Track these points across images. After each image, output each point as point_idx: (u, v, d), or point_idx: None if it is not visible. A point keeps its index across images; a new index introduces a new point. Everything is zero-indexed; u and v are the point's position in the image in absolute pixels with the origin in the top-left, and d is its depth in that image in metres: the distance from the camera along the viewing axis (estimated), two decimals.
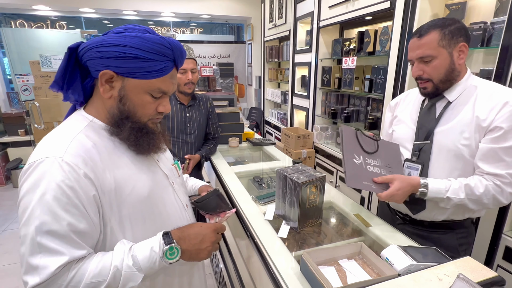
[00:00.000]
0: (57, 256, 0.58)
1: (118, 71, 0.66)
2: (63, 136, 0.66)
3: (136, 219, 0.71)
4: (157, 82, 0.69)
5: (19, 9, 4.25)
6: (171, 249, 0.68)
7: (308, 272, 0.78)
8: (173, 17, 4.96)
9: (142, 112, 0.72)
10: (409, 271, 0.76)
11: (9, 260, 2.43)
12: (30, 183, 0.60)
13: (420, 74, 1.04)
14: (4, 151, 4.01)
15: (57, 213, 0.59)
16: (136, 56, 0.65)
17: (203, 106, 1.86)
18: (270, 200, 1.28)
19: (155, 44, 0.67)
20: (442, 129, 1.05)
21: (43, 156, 0.61)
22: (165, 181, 0.81)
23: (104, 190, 0.66)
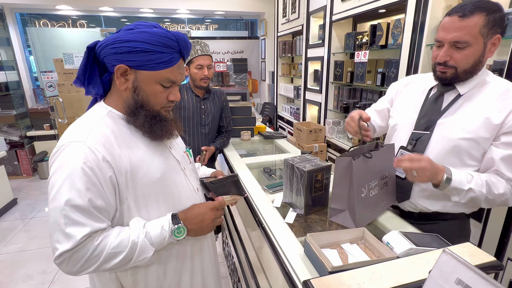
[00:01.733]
0: (82, 227, 0.68)
1: (130, 65, 0.74)
2: (85, 124, 0.75)
3: (150, 199, 0.79)
4: (166, 73, 0.76)
5: (44, 9, 4.46)
6: (178, 229, 0.79)
7: (311, 253, 0.83)
8: (188, 14, 5.05)
9: (155, 101, 0.79)
10: (408, 255, 0.80)
11: (37, 245, 2.62)
12: (57, 164, 0.70)
13: (447, 60, 0.94)
14: (31, 144, 4.26)
15: (80, 190, 0.68)
16: (145, 49, 0.72)
17: (217, 99, 1.93)
18: (278, 189, 1.34)
19: (162, 38, 0.74)
20: (445, 120, 1.01)
21: (68, 141, 0.71)
22: (177, 166, 0.89)
23: (121, 172, 0.74)
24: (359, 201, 0.97)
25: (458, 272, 0.46)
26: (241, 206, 1.55)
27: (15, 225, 2.94)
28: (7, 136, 4.00)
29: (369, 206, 1.03)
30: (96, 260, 0.70)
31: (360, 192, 0.98)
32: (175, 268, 0.87)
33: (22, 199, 3.51)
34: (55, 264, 0.69)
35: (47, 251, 2.52)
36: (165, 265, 0.85)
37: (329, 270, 0.73)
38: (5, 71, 3.94)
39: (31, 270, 2.28)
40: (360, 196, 0.98)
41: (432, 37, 1.73)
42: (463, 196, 0.94)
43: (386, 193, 1.11)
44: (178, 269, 0.88)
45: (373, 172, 1.03)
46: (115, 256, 0.71)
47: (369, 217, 1.04)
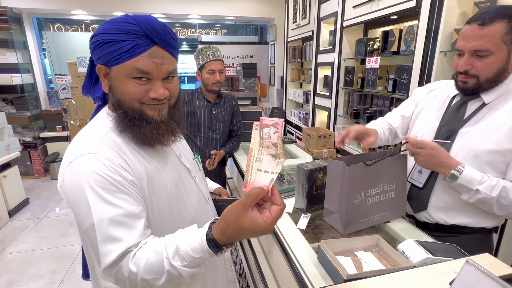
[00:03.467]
0: (118, 242, 0.61)
1: (101, 62, 0.68)
2: (95, 134, 0.69)
3: (164, 210, 0.74)
4: (133, 63, 0.65)
5: (59, 14, 4.58)
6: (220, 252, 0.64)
7: (325, 260, 0.82)
8: (199, 19, 5.12)
9: (130, 97, 0.68)
10: (424, 264, 0.78)
11: (48, 244, 2.65)
12: (75, 179, 0.63)
13: (468, 69, 0.92)
14: (43, 145, 4.35)
15: (112, 201, 0.62)
16: (105, 41, 0.65)
17: (228, 104, 1.94)
18: (290, 194, 1.33)
19: (118, 24, 0.65)
20: (468, 130, 0.97)
21: (80, 154, 0.64)
22: (188, 175, 0.83)
23: (139, 178, 0.69)
24: (350, 206, 0.96)
25: (482, 284, 0.45)
26: None
27: (27, 225, 2.99)
28: (21, 137, 4.09)
29: (365, 213, 1.01)
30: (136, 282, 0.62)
31: (353, 198, 0.97)
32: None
33: (34, 199, 3.57)
34: (65, 264, 0.66)
35: (58, 251, 2.55)
36: None
37: (344, 278, 0.72)
38: (21, 73, 4.04)
39: (41, 270, 2.31)
40: (352, 201, 0.96)
41: (446, 44, 1.72)
42: (471, 196, 0.93)
43: (391, 204, 1.08)
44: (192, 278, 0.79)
45: (375, 180, 1.01)
46: (152, 281, 0.62)
47: (362, 223, 1.02)
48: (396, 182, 1.07)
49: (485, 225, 1.02)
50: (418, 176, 1.10)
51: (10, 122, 3.29)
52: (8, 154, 3.07)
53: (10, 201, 3.11)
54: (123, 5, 4.41)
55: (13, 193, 3.19)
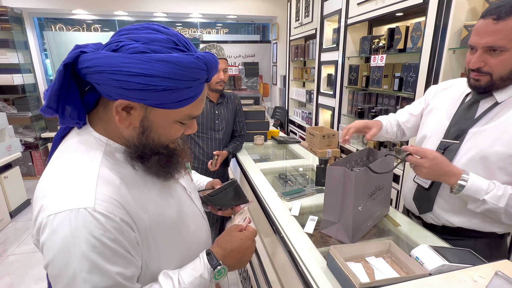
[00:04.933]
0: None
1: (141, 102, 0.55)
2: (83, 175, 0.53)
3: (167, 243, 0.65)
4: (188, 109, 0.58)
5: (60, 13, 4.56)
6: (219, 272, 0.66)
7: (335, 267, 0.78)
8: (200, 18, 5.08)
9: (168, 139, 0.62)
10: (440, 271, 0.74)
11: None
12: (60, 242, 0.49)
13: (481, 66, 0.88)
14: (45, 146, 4.33)
15: (106, 269, 0.51)
16: (167, 88, 0.52)
17: (231, 103, 1.90)
18: (296, 196, 1.29)
19: (190, 70, 0.53)
20: (478, 129, 0.93)
21: (68, 207, 0.49)
22: (184, 195, 0.74)
23: (140, 229, 0.58)
24: (355, 214, 0.90)
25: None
26: (254, 211, 1.52)
27: (28, 226, 2.97)
28: (23, 138, 4.08)
29: (365, 218, 0.97)
30: None
31: (358, 205, 0.91)
32: None
33: None
34: None
35: None
36: None
37: (356, 287, 0.68)
38: (22, 74, 4.03)
39: (42, 272, 2.28)
40: (357, 209, 0.91)
41: (455, 41, 1.67)
42: (477, 206, 0.89)
43: (380, 203, 1.07)
44: None
45: (372, 183, 0.98)
46: None
47: (364, 229, 0.98)
48: (386, 180, 1.05)
49: (494, 230, 0.97)
50: None
51: (11, 122, 3.27)
52: (9, 154, 3.05)
53: (11, 202, 3.09)
54: (124, 5, 4.38)
55: (15, 194, 3.17)
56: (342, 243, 0.95)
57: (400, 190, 2.09)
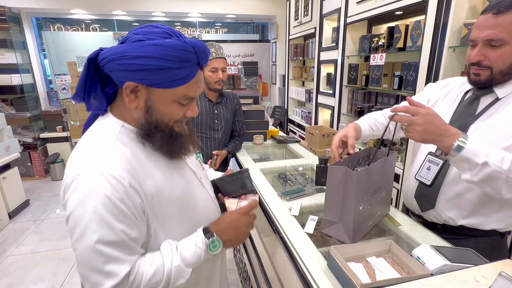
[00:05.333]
0: (122, 263, 0.62)
1: (142, 83, 0.65)
2: (101, 146, 0.66)
3: (174, 219, 0.73)
4: (183, 89, 0.68)
5: (58, 13, 4.54)
6: (213, 242, 0.73)
7: (336, 268, 0.78)
8: (199, 17, 5.07)
9: (170, 118, 0.71)
10: (442, 272, 0.73)
11: (48, 247, 2.62)
12: (78, 197, 0.60)
13: (481, 60, 0.88)
14: (44, 146, 4.32)
15: (113, 225, 0.60)
16: (159, 67, 0.62)
17: (230, 103, 1.89)
18: (296, 196, 1.28)
19: (178, 51, 0.63)
20: (479, 125, 0.92)
21: (87, 170, 0.62)
22: (194, 178, 0.82)
23: (147, 197, 0.66)
24: (356, 214, 0.89)
25: None
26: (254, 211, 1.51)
27: (27, 226, 2.96)
28: (21, 138, 4.06)
29: (366, 218, 0.96)
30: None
31: (358, 205, 0.90)
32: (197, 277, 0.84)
33: (34, 200, 3.54)
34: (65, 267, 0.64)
35: (58, 253, 2.52)
36: None
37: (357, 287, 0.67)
38: (20, 74, 4.01)
39: (42, 272, 2.28)
40: (357, 208, 0.90)
41: (455, 39, 1.66)
42: (476, 172, 0.81)
43: (382, 202, 1.06)
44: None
45: (375, 183, 0.97)
46: (154, 287, 0.66)
47: (364, 229, 0.97)
48: (386, 180, 1.04)
49: (495, 226, 0.97)
50: (426, 173, 1.06)
51: (9, 123, 3.26)
52: (8, 155, 3.03)
53: (10, 203, 3.08)
54: (123, 4, 4.37)
55: (13, 194, 3.16)
56: (342, 243, 0.94)
57: (400, 189, 2.08)
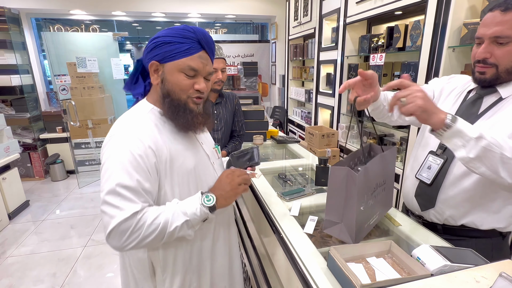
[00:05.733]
0: (133, 203, 0.76)
1: (157, 59, 0.83)
2: (133, 118, 0.85)
3: (183, 188, 0.88)
4: (187, 61, 0.82)
5: (58, 14, 4.54)
6: (207, 197, 0.84)
7: (336, 268, 0.78)
8: (199, 17, 5.06)
9: (179, 89, 0.84)
10: (442, 272, 0.73)
11: (48, 247, 2.62)
12: (110, 151, 0.79)
13: (487, 57, 0.87)
14: (43, 147, 4.31)
15: (131, 173, 0.76)
16: (166, 42, 0.81)
17: (230, 103, 1.89)
18: (295, 196, 1.28)
19: (180, 30, 0.82)
20: (482, 123, 0.91)
21: (120, 131, 0.81)
22: (207, 160, 0.97)
23: (162, 160, 0.82)
24: (358, 214, 0.88)
25: None
26: (254, 212, 1.51)
27: (27, 227, 2.96)
28: (21, 139, 4.06)
29: (367, 217, 0.96)
30: (139, 234, 0.75)
31: (360, 205, 0.89)
32: (200, 252, 0.96)
33: (34, 201, 3.54)
34: (65, 268, 0.69)
35: (58, 254, 2.52)
36: (191, 248, 0.93)
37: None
38: (20, 74, 4.01)
39: (41, 273, 2.27)
40: (359, 209, 0.89)
41: (455, 39, 1.66)
42: (471, 147, 0.77)
43: (382, 200, 1.05)
44: (203, 253, 0.97)
45: (373, 181, 0.96)
46: (154, 230, 0.77)
47: (366, 229, 0.97)
48: (386, 177, 1.03)
49: (496, 225, 0.96)
50: (427, 172, 1.05)
51: (9, 123, 3.26)
52: (7, 156, 3.03)
53: (10, 204, 3.08)
54: (122, 5, 4.36)
55: (13, 195, 3.15)
56: (343, 243, 0.94)
57: (400, 189, 2.08)
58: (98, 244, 2.66)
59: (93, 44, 4.32)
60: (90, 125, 4.19)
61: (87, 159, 4.32)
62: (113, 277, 2.24)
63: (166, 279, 0.92)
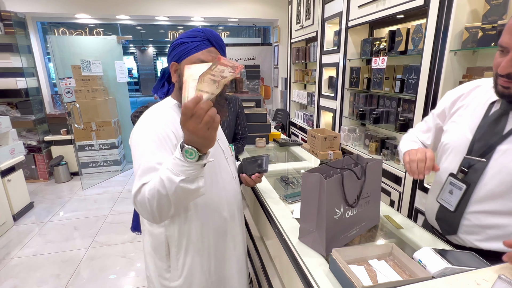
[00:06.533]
0: (146, 178, 0.81)
1: (175, 59, 0.95)
2: (160, 109, 0.97)
3: None
4: (197, 55, 0.92)
5: (63, 18, 4.60)
6: (186, 152, 0.73)
7: (338, 270, 0.78)
8: (202, 21, 5.11)
9: None
10: (443, 275, 0.74)
11: (52, 249, 2.64)
12: (138, 132, 0.91)
13: (511, 72, 0.75)
14: (48, 149, 4.35)
15: (154, 150, 0.85)
16: (179, 43, 0.94)
17: (232, 106, 1.91)
18: (297, 199, 1.29)
19: (192, 32, 0.95)
20: (508, 147, 0.81)
21: (148, 117, 0.93)
22: (222, 155, 1.06)
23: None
24: (330, 223, 0.87)
25: None
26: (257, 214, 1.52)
27: (31, 229, 2.98)
28: (26, 141, 4.10)
29: (344, 228, 0.94)
30: (144, 203, 0.79)
31: (333, 214, 0.87)
32: (213, 234, 1.02)
33: (38, 203, 3.57)
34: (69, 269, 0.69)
35: (62, 255, 2.54)
36: (205, 229, 1.00)
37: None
38: (25, 77, 4.06)
39: (45, 274, 2.29)
40: (332, 218, 0.87)
41: (456, 43, 1.67)
42: None
43: (366, 214, 1.02)
44: (216, 235, 1.03)
45: (352, 191, 0.93)
46: (154, 195, 0.78)
47: (343, 240, 0.95)
48: (371, 190, 1.00)
49: None
50: (449, 198, 0.96)
51: (14, 126, 3.30)
52: (12, 158, 3.07)
53: (14, 205, 3.11)
54: (126, 9, 4.41)
55: (18, 197, 3.18)
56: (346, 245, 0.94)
57: (402, 192, 2.08)
58: (101, 246, 2.67)
59: (98, 47, 4.37)
60: (94, 127, 4.22)
61: (90, 161, 4.35)
62: (115, 279, 2.25)
63: (180, 258, 0.99)
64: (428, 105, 1.84)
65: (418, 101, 1.91)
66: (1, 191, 2.91)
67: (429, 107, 1.83)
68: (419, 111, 1.91)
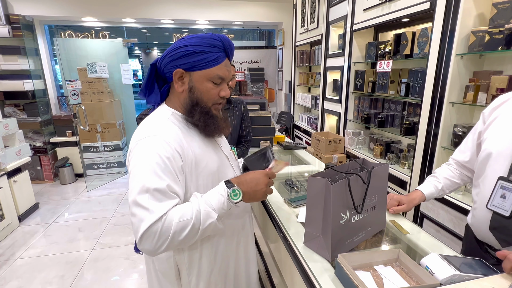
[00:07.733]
0: (162, 205, 0.75)
1: (185, 68, 0.85)
2: (157, 122, 0.87)
3: (207, 189, 0.87)
4: (215, 70, 0.86)
5: (70, 21, 4.65)
6: (233, 191, 0.82)
7: (344, 276, 0.78)
8: (207, 24, 5.14)
9: (208, 97, 0.88)
10: (451, 282, 0.73)
11: (57, 250, 2.65)
12: (139, 154, 0.80)
13: None
14: (53, 150, 4.39)
15: (160, 175, 0.77)
16: (195, 51, 0.83)
17: (237, 109, 1.91)
18: (302, 203, 1.29)
19: (208, 39, 0.85)
20: None
21: (146, 136, 0.82)
22: (227, 162, 1.00)
23: (187, 162, 0.84)
24: (336, 228, 0.86)
25: None
26: (261, 218, 1.51)
27: (36, 229, 3.00)
28: (32, 142, 4.14)
29: (350, 233, 0.93)
30: (168, 234, 0.73)
31: (339, 218, 0.87)
32: (224, 253, 0.98)
33: (43, 204, 3.59)
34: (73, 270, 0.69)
35: (66, 257, 2.55)
36: (216, 249, 0.96)
37: None
38: (32, 79, 4.11)
39: (50, 275, 2.30)
40: (338, 222, 0.87)
41: (463, 46, 1.66)
42: None
43: (373, 218, 1.01)
44: (227, 254, 0.99)
45: (358, 196, 0.92)
46: (184, 227, 0.75)
47: (348, 245, 0.94)
48: (377, 194, 0.99)
49: None
50: (501, 202, 0.90)
51: (21, 127, 3.33)
52: (19, 159, 3.10)
53: (20, 206, 3.14)
54: (132, 12, 4.46)
55: (23, 198, 3.21)
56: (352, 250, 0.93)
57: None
58: (105, 248, 2.68)
59: (103, 50, 4.41)
60: (99, 129, 4.26)
61: (95, 162, 4.38)
62: (119, 281, 2.25)
63: (192, 281, 0.94)
64: (434, 109, 1.82)
65: (424, 105, 1.90)
66: (7, 192, 2.93)
67: (435, 111, 1.81)
68: (425, 115, 1.89)
